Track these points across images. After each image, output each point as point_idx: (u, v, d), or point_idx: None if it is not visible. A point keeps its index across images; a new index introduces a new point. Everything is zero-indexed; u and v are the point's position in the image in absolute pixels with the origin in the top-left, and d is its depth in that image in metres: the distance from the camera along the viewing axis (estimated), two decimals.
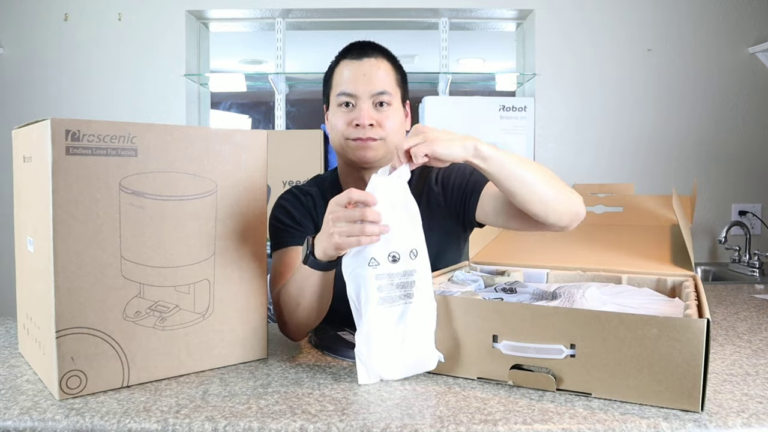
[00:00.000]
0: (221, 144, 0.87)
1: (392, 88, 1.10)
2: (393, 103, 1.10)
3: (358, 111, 1.07)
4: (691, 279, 1.04)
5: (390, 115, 1.09)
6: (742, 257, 2.30)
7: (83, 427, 0.70)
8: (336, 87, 1.10)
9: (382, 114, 1.08)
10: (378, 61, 1.09)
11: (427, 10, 2.50)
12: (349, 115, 1.08)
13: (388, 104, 1.09)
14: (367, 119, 1.06)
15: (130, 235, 0.80)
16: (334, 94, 1.10)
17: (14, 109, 2.47)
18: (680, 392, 0.71)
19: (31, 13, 2.46)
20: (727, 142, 2.46)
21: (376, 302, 0.80)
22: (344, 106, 1.08)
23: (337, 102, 1.09)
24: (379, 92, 1.07)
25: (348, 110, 1.08)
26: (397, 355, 0.82)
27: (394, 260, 0.81)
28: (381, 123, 1.08)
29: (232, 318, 0.91)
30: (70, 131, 0.74)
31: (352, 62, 1.09)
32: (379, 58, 1.10)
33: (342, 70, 1.10)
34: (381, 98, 1.08)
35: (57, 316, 0.75)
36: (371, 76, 1.07)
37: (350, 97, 1.07)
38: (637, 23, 2.44)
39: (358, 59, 1.09)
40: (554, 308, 0.78)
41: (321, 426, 0.68)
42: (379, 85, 1.08)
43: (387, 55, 1.13)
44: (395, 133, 1.10)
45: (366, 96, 1.07)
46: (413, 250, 0.83)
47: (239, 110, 4.05)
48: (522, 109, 2.39)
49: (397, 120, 1.11)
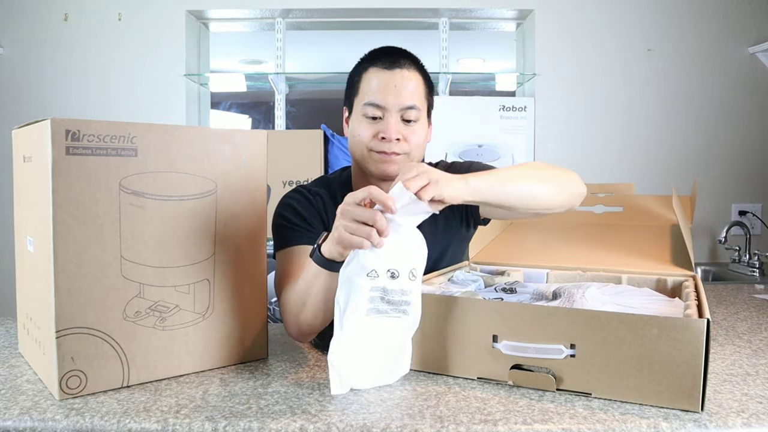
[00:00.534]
0: (221, 144, 0.87)
1: (421, 102, 1.07)
2: (420, 118, 1.07)
3: (386, 124, 1.04)
4: (691, 279, 1.04)
5: (416, 130, 1.07)
6: (742, 257, 2.30)
7: (83, 427, 0.70)
8: (363, 95, 1.06)
9: (409, 129, 1.06)
10: (410, 73, 1.06)
11: (427, 10, 2.50)
12: (376, 127, 1.05)
13: (416, 120, 1.06)
14: (394, 134, 1.03)
15: (130, 235, 0.80)
16: (360, 102, 1.06)
17: (14, 109, 2.47)
18: (680, 392, 0.71)
19: (31, 13, 2.46)
20: (727, 142, 2.46)
21: (363, 313, 0.78)
22: (371, 118, 1.05)
23: (363, 111, 1.06)
24: (408, 107, 1.04)
25: (374, 122, 1.05)
26: (373, 366, 0.80)
27: (392, 276, 0.79)
28: (407, 138, 1.05)
29: (232, 318, 0.91)
30: (70, 131, 0.74)
31: (383, 72, 1.05)
32: (411, 69, 1.07)
33: (371, 78, 1.06)
34: (409, 114, 1.05)
35: (57, 316, 0.75)
36: (401, 88, 1.04)
37: (378, 109, 1.04)
38: (637, 23, 2.44)
39: (389, 69, 1.05)
40: (554, 308, 0.78)
41: (321, 426, 0.68)
42: (409, 99, 1.04)
43: (418, 66, 1.09)
44: (419, 147, 1.08)
45: (395, 109, 1.04)
46: (413, 270, 0.80)
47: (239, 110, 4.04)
48: (522, 109, 2.39)
49: (422, 134, 1.08)
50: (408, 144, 1.05)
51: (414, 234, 0.81)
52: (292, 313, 0.93)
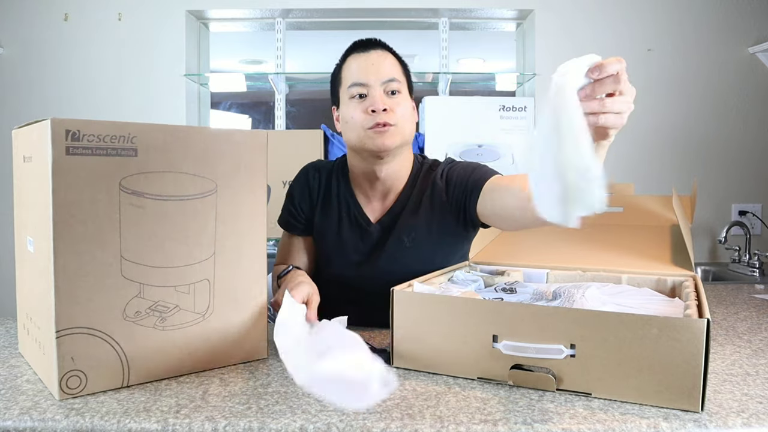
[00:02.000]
0: (221, 144, 0.87)
1: (400, 76, 1.14)
2: (402, 91, 1.14)
3: (371, 98, 1.10)
4: (691, 279, 1.04)
5: (401, 102, 1.12)
6: (742, 257, 2.30)
7: (83, 427, 0.70)
8: (346, 80, 1.13)
9: (394, 100, 1.12)
10: (384, 53, 1.14)
11: (427, 10, 2.50)
12: (363, 105, 1.11)
13: (399, 92, 1.12)
14: (381, 104, 1.09)
15: (130, 235, 0.80)
16: (345, 87, 1.14)
17: (14, 109, 2.47)
18: (680, 392, 0.71)
19: (31, 13, 2.46)
20: (727, 142, 2.46)
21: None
22: (357, 97, 1.11)
23: (350, 94, 1.12)
24: (389, 79, 1.11)
25: (361, 100, 1.11)
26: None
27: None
28: (393, 108, 1.11)
29: (232, 318, 0.91)
30: (70, 131, 0.74)
31: (359, 55, 1.13)
32: (386, 51, 1.15)
33: (350, 64, 1.14)
34: (391, 86, 1.11)
35: (57, 316, 0.75)
36: (379, 65, 1.12)
37: (362, 87, 1.11)
38: (637, 23, 2.44)
39: (365, 52, 1.13)
40: (554, 308, 0.78)
41: (321, 426, 0.68)
42: (388, 72, 1.12)
43: (392, 51, 1.18)
44: (407, 121, 1.13)
45: (377, 84, 1.11)
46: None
47: (239, 110, 4.04)
48: (522, 109, 2.39)
49: (407, 108, 1.14)
50: (396, 115, 1.11)
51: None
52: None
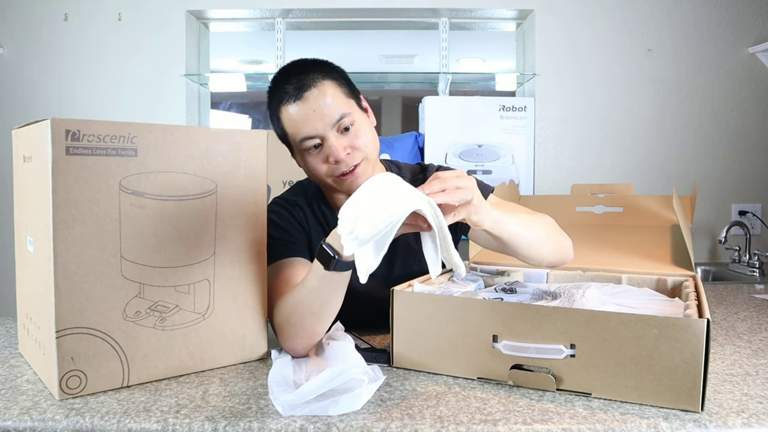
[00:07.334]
0: (221, 144, 0.87)
1: (346, 105, 1.01)
2: (354, 116, 1.02)
3: (328, 148, 1.00)
4: (691, 279, 1.04)
5: (358, 132, 1.02)
6: (742, 257, 2.30)
7: (83, 427, 0.70)
8: (293, 134, 1.01)
9: (351, 135, 1.01)
10: (319, 89, 0.99)
11: (427, 10, 2.50)
12: (323, 154, 1.01)
13: (352, 123, 1.01)
14: (341, 153, 0.99)
15: (130, 235, 0.80)
16: (295, 140, 1.02)
17: (14, 109, 2.47)
18: (680, 392, 0.71)
19: (31, 13, 2.46)
20: (727, 142, 2.46)
21: None
22: (313, 148, 1.01)
23: (302, 147, 1.01)
24: (338, 119, 0.99)
25: (318, 150, 1.01)
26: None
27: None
28: (354, 145, 1.01)
29: (232, 318, 0.91)
30: (69, 131, 0.74)
31: (295, 105, 0.99)
32: (318, 82, 1.00)
33: (288, 116, 1.00)
34: (344, 123, 1.00)
35: (57, 316, 0.75)
36: (322, 108, 0.98)
37: (314, 139, 1.00)
38: (637, 23, 2.44)
39: (299, 99, 0.99)
40: (554, 308, 0.78)
41: (321, 426, 0.68)
42: (334, 111, 0.99)
43: (322, 71, 1.02)
44: (369, 144, 1.04)
45: (328, 129, 0.99)
46: None
47: (239, 110, 4.04)
48: (522, 109, 2.39)
49: (367, 131, 1.04)
50: (359, 150, 1.02)
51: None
52: (296, 324, 0.90)
